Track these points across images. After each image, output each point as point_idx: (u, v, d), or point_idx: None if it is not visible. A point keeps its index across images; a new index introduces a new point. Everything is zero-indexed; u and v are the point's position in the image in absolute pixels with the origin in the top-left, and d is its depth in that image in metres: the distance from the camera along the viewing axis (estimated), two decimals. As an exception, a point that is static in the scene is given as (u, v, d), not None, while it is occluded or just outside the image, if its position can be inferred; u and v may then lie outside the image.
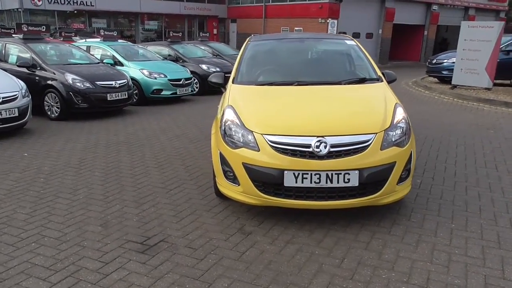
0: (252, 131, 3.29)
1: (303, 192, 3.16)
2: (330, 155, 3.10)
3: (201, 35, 15.58)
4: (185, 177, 4.63)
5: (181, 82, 10.32)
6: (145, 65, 10.25)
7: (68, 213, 3.66)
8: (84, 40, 12.77)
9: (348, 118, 3.42)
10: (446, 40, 31.43)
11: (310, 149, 3.11)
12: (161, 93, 10.06)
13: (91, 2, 22.36)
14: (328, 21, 21.96)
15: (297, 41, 4.89)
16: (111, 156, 5.51)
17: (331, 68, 4.42)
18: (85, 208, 3.78)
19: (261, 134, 3.24)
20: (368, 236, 3.20)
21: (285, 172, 3.12)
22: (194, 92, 11.18)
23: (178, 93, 10.29)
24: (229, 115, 3.53)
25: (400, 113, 3.51)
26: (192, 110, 9.39)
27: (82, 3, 22.06)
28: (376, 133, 3.22)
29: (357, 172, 3.10)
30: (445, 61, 12.82)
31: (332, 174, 3.09)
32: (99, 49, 10.67)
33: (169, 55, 12.42)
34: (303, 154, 3.12)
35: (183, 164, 5.13)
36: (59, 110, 7.90)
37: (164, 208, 3.79)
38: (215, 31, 28.40)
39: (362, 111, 3.52)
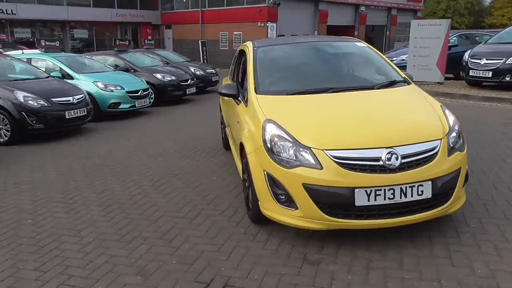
0: (309, 147, 2.92)
1: (375, 210, 2.86)
2: (401, 167, 2.84)
3: (146, 42, 14.72)
4: (199, 202, 4.11)
5: (139, 94, 9.58)
6: (98, 77, 9.35)
7: (88, 262, 3.01)
8: (21, 51, 11.40)
9: (410, 125, 3.17)
10: (371, 39, 33.09)
11: (381, 162, 2.82)
12: (119, 107, 9.24)
13: (12, 10, 20.20)
14: (267, 24, 22.02)
15: (308, 45, 4.57)
16: (97, 184, 4.79)
17: (356, 72, 4.18)
18: (105, 254, 3.14)
19: (322, 149, 2.88)
20: (444, 249, 2.97)
21: (356, 190, 2.79)
22: (151, 103, 10.43)
23: (137, 105, 9.52)
24: (273, 130, 3.12)
25: (451, 115, 3.35)
26: (156, 123, 8.70)
27: (1, 11, 19.85)
28: (441, 139, 3.02)
29: (430, 182, 2.86)
30: (395, 58, 13.30)
31: (406, 187, 2.82)
32: (42, 61, 9.53)
33: (116, 65, 11.51)
34: (373, 169, 2.82)
35: (188, 186, 4.58)
36: (9, 133, 6.86)
37: (200, 242, 3.27)
38: (149, 38, 27.22)
39: (419, 117, 3.30)
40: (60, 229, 3.60)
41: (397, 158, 2.82)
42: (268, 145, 3.08)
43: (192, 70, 13.09)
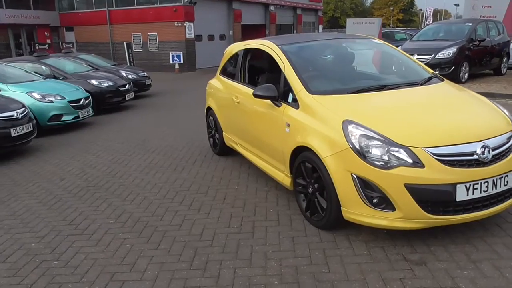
0: (406, 146, 2.86)
1: (471, 204, 2.92)
2: (492, 160, 2.94)
3: (64, 46, 13.27)
4: (242, 214, 3.81)
5: (81, 103, 8.58)
6: (31, 87, 8.17)
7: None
8: None
9: (489, 118, 3.27)
10: (278, 38, 34.21)
11: (475, 156, 2.88)
12: (62, 119, 8.17)
13: None
14: (185, 24, 21.41)
15: (333, 43, 4.48)
16: (104, 208, 4.15)
17: (395, 68, 4.20)
18: (188, 287, 2.72)
19: (421, 147, 2.85)
20: (524, 234, 3.16)
21: (458, 186, 2.82)
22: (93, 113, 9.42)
23: (80, 116, 8.52)
24: (358, 131, 2.99)
25: (503, 108, 3.55)
26: (109, 133, 7.86)
27: None
28: (512, 130, 3.20)
29: (512, 173, 3.02)
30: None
31: (496, 179, 2.93)
32: (-47, 72, 8.00)
33: (36, 72, 10.14)
34: (470, 163, 2.87)
35: (214, 199, 4.21)
36: None
37: (284, 257, 3.00)
38: (48, 42, 24.61)
39: (486, 110, 3.42)
40: (106, 267, 3.03)
41: (489, 151, 2.91)
42: (357, 146, 2.95)
43: (124, 74, 12.16)
